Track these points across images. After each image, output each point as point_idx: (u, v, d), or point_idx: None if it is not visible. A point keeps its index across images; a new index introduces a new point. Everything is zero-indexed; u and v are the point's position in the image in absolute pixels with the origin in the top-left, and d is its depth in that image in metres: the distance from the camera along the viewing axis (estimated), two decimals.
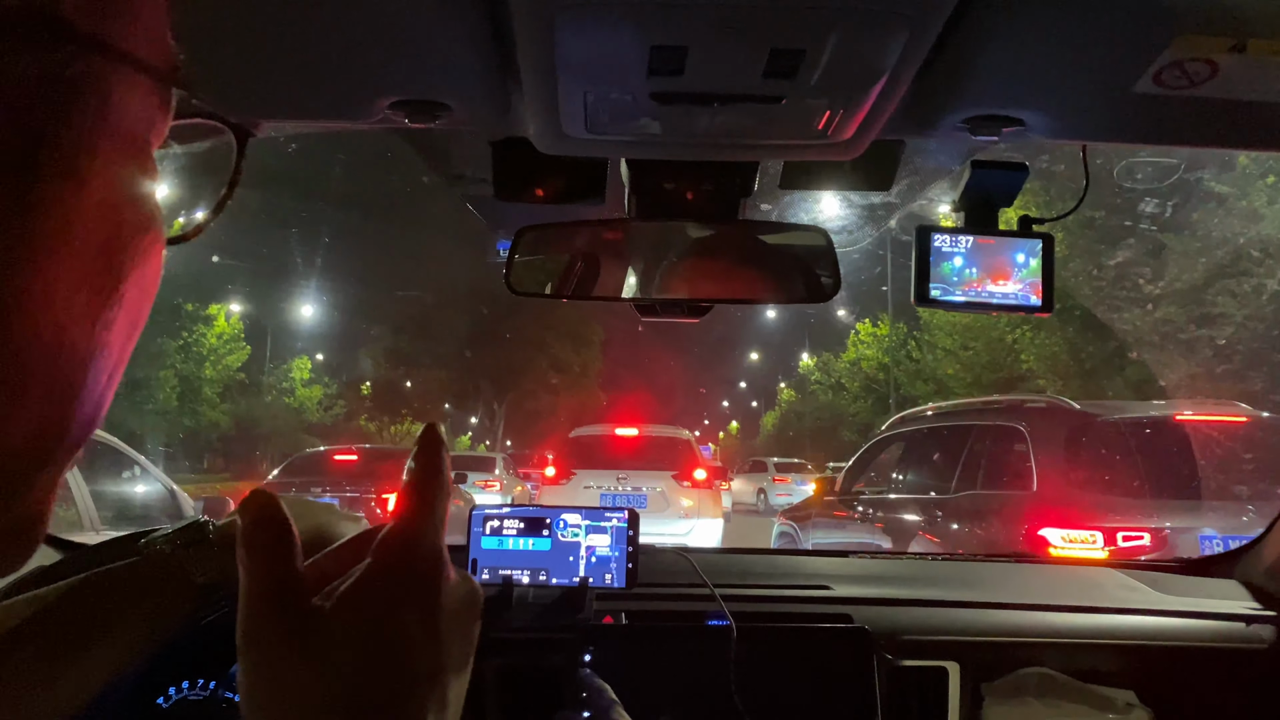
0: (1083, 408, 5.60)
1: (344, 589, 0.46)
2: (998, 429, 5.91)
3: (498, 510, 1.54)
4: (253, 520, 0.46)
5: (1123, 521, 4.74)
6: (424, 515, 0.47)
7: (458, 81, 0.98)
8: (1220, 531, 4.76)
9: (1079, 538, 4.72)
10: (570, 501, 9.35)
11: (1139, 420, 5.57)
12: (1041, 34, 0.86)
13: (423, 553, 0.47)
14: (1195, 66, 0.89)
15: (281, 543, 0.45)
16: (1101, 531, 4.68)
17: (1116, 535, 4.67)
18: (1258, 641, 1.59)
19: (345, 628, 0.44)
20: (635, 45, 0.82)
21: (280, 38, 0.89)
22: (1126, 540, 4.66)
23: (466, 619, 0.48)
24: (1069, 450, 5.20)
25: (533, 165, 1.18)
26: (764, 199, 1.33)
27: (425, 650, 0.45)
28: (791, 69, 0.86)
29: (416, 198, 29.70)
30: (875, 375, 29.14)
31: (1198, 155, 11.04)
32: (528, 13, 0.78)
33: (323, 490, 9.82)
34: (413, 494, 0.48)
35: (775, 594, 1.66)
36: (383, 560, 0.46)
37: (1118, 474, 5.25)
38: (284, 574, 0.45)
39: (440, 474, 0.48)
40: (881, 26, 0.79)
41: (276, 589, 0.44)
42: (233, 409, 27.60)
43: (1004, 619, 1.62)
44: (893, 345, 27.13)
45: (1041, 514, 4.90)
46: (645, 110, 0.95)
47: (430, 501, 0.47)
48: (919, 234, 1.28)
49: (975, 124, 1.04)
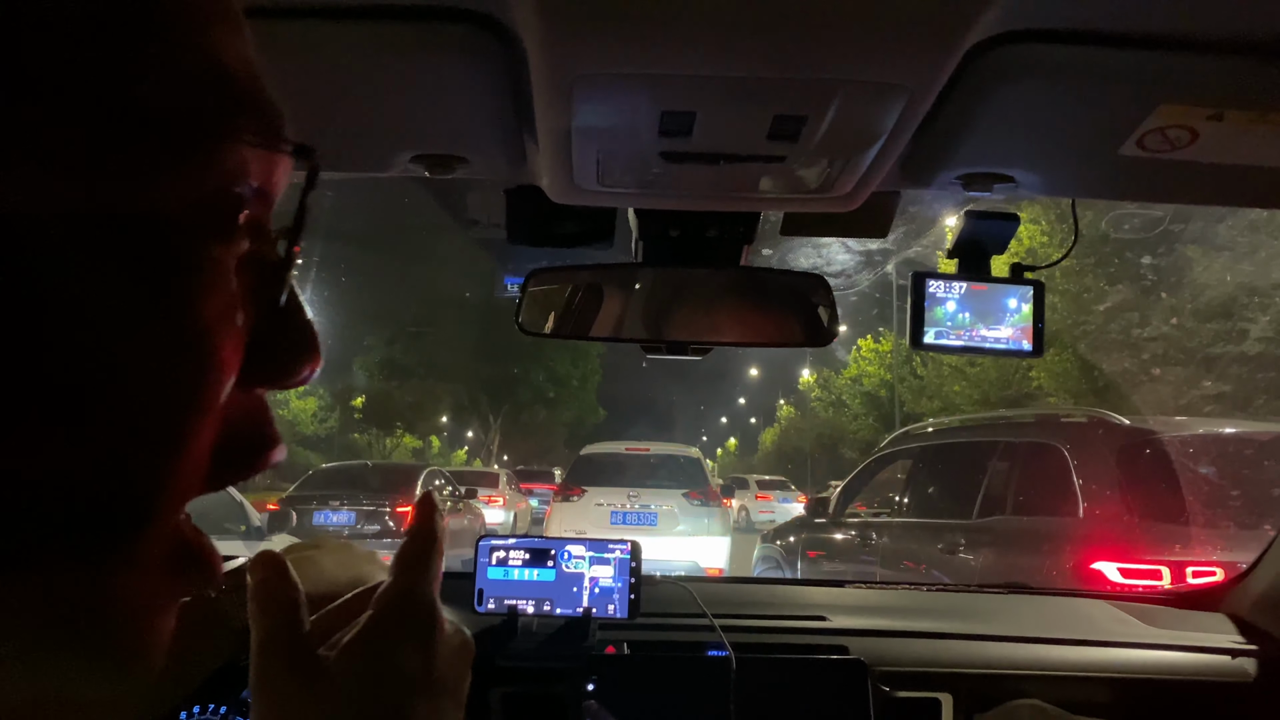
0: (1133, 423, 4.93)
1: (347, 639, 0.51)
2: (1029, 446, 5.25)
3: (504, 541, 1.58)
4: (261, 579, 0.51)
5: (1191, 554, 4.14)
6: (421, 573, 0.52)
7: (476, 138, 1.02)
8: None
9: (1141, 572, 4.16)
10: (581, 518, 9.69)
11: (1205, 437, 4.91)
12: (1032, 100, 0.91)
13: (419, 607, 0.52)
14: (1176, 133, 0.93)
15: (288, 600, 0.50)
16: (1168, 566, 4.11)
17: (1186, 570, 4.07)
18: (1242, 675, 1.62)
19: (348, 675, 0.49)
20: (647, 111, 0.87)
21: (308, 96, 0.94)
22: (1197, 575, 4.05)
23: (459, 667, 0.54)
24: (1122, 472, 4.58)
25: (544, 212, 1.23)
26: (765, 243, 1.38)
27: (421, 695, 0.50)
28: (794, 132, 0.90)
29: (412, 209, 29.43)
30: (877, 392, 29.00)
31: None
32: (547, 79, 0.83)
33: (340, 504, 10.04)
34: (411, 553, 0.53)
35: (773, 624, 1.69)
36: (382, 613, 0.51)
37: (1178, 499, 4.51)
38: (291, 629, 0.50)
39: (436, 538, 0.54)
40: (880, 94, 0.84)
41: (285, 642, 0.50)
42: None
43: (996, 651, 1.65)
44: (896, 362, 27.05)
45: (1094, 544, 4.36)
46: (654, 167, 1.00)
47: (426, 561, 0.53)
48: (914, 280, 1.33)
49: (969, 180, 1.09)
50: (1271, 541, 1.76)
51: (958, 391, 21.68)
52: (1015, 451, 5.38)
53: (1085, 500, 4.59)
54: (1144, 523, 4.40)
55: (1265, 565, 1.77)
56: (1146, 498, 4.52)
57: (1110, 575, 4.21)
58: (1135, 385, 14.86)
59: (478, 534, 8.41)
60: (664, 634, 1.63)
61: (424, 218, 30.20)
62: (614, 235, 1.32)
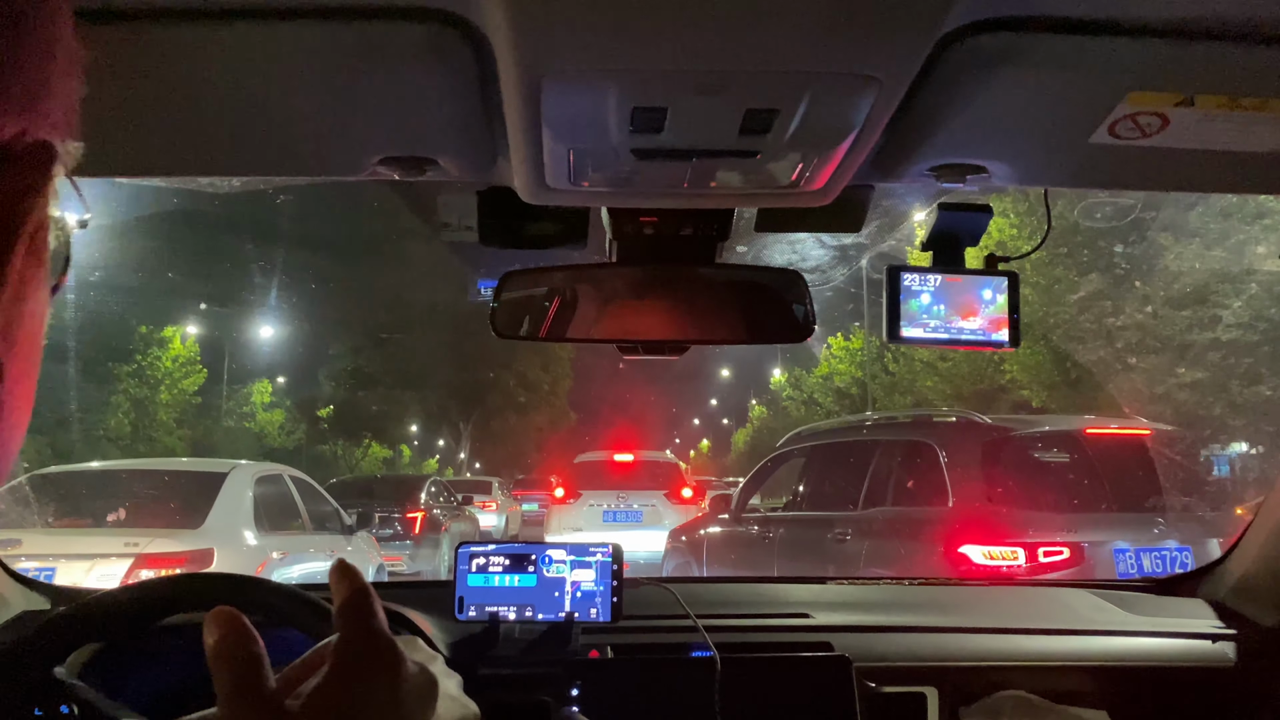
0: (994, 422, 5.62)
1: (312, 688, 0.51)
2: (907, 444, 5.86)
3: (484, 548, 1.57)
4: (220, 637, 0.50)
5: (1042, 536, 4.75)
6: (368, 616, 0.53)
7: (446, 139, 1.01)
8: (1133, 544, 4.84)
9: (1001, 554, 4.73)
10: (576, 517, 11.37)
11: (1050, 435, 5.61)
12: (1003, 91, 0.91)
13: (379, 648, 0.52)
14: (1147, 119, 0.94)
15: (250, 655, 0.50)
16: (1023, 547, 4.70)
17: (1038, 550, 4.69)
18: (1223, 660, 1.64)
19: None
20: (618, 106, 0.86)
21: (272, 100, 0.92)
22: (1047, 555, 4.70)
23: (424, 705, 0.54)
24: (985, 466, 5.19)
25: (517, 213, 1.22)
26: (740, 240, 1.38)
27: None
28: (766, 126, 0.90)
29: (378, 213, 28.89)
30: (849, 389, 29.01)
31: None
32: (516, 78, 0.82)
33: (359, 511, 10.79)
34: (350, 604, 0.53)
35: (757, 623, 1.68)
36: (344, 659, 0.51)
37: (1033, 488, 5.28)
38: (254, 684, 0.49)
39: (365, 585, 0.55)
40: (851, 87, 0.84)
41: (251, 696, 0.49)
42: (190, 435, 26.60)
43: (979, 643, 1.66)
44: (867, 359, 27.13)
45: (961, 531, 4.88)
46: (626, 164, 0.99)
47: (368, 606, 0.53)
48: (889, 274, 1.33)
49: (941, 172, 1.09)
50: (1247, 526, 1.78)
51: (930, 387, 21.72)
52: (895, 449, 5.98)
53: (954, 491, 5.16)
54: (1003, 510, 5.02)
55: (1241, 550, 1.79)
56: (1005, 488, 5.19)
57: (974, 557, 4.76)
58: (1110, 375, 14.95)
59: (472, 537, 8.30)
60: (647, 636, 1.62)
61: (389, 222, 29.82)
62: (588, 236, 1.31)
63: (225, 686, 0.49)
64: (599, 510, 11.62)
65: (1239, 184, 1.15)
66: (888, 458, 5.96)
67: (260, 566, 5.71)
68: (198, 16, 0.78)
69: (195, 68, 0.85)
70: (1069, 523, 4.88)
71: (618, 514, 11.61)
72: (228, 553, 5.43)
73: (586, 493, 11.77)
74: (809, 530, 6.39)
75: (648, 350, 1.37)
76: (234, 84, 0.88)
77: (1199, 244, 12.87)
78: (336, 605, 0.54)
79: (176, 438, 25.59)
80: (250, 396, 31.44)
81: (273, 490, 6.59)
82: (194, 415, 27.34)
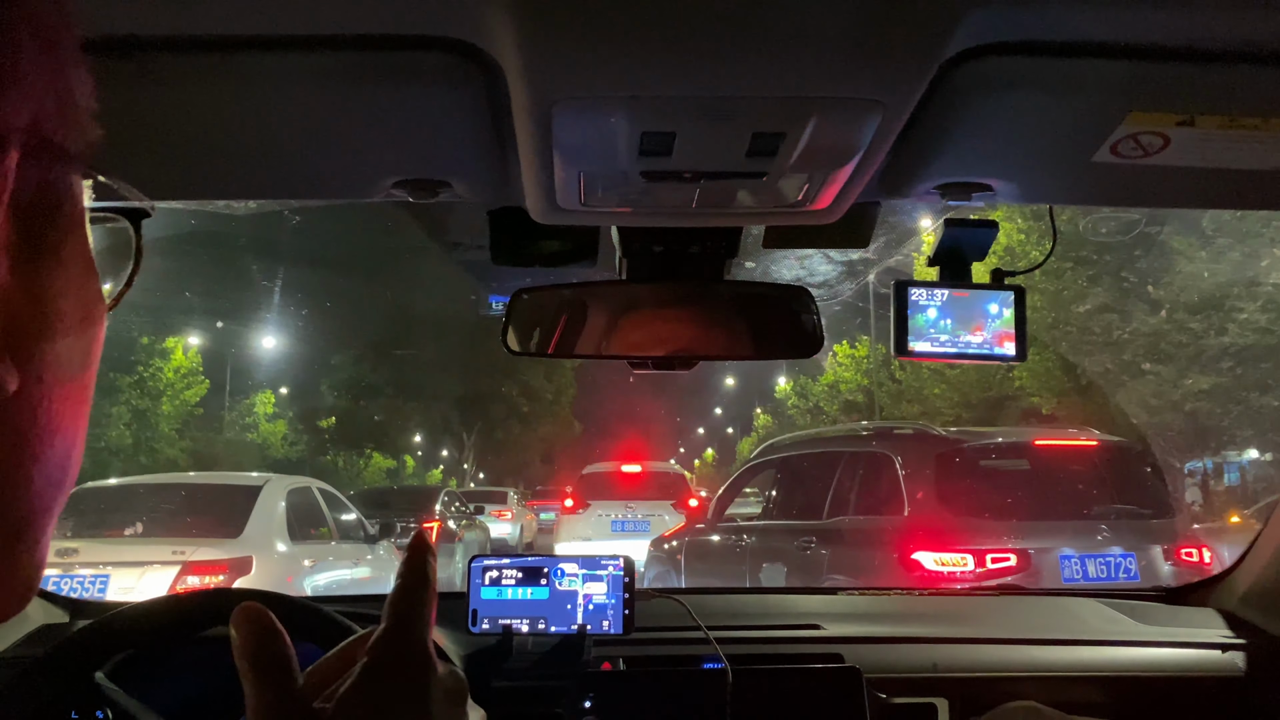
0: (948, 434, 5.86)
1: (342, 691, 0.50)
2: (868, 455, 6.05)
3: (497, 561, 1.58)
4: (248, 635, 0.49)
5: (991, 544, 4.97)
6: (413, 617, 0.52)
7: (459, 162, 1.03)
8: (1077, 550, 5.05)
9: (951, 560, 4.91)
10: (585, 527, 11.71)
11: (1001, 446, 5.82)
12: (1005, 112, 0.92)
13: (412, 652, 0.51)
14: (1149, 139, 0.95)
15: (280, 656, 0.49)
16: (972, 554, 4.89)
17: (986, 557, 4.90)
18: (1233, 670, 1.64)
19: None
20: (627, 132, 0.88)
21: (290, 126, 0.94)
22: (995, 562, 4.91)
23: (454, 709, 0.53)
24: (938, 476, 5.39)
25: (528, 232, 1.24)
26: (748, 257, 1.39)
27: None
28: (772, 149, 0.91)
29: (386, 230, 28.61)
30: (854, 398, 28.83)
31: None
32: (527, 104, 0.84)
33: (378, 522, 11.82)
34: (402, 598, 0.52)
35: (768, 635, 1.69)
36: (376, 661, 0.50)
37: (984, 498, 5.45)
38: (283, 685, 0.49)
39: (428, 580, 0.53)
40: (856, 110, 0.85)
41: (280, 700, 0.49)
42: (191, 446, 26.28)
43: (989, 654, 1.66)
44: (873, 367, 26.98)
45: (914, 538, 5.08)
46: (636, 186, 1.01)
47: (419, 605, 0.52)
48: (896, 289, 1.34)
49: (946, 190, 1.10)
50: (1257, 536, 1.78)
51: (938, 395, 21.48)
52: (857, 460, 6.18)
53: (909, 501, 5.37)
54: (954, 518, 5.22)
55: (1251, 559, 1.79)
56: (957, 497, 5.36)
57: (926, 563, 4.96)
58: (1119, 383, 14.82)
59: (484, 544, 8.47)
60: (659, 648, 1.63)
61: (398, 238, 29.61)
62: (598, 253, 1.33)
63: (253, 692, 0.49)
64: (607, 520, 11.90)
65: (1239, 200, 1.16)
66: (851, 469, 6.17)
67: (289, 578, 5.96)
68: (213, 45, 0.80)
69: (211, 95, 0.87)
70: (1017, 530, 5.13)
71: (625, 524, 11.86)
72: (264, 560, 5.68)
73: (595, 503, 12.05)
74: (778, 539, 6.58)
75: (657, 365, 1.39)
76: (250, 111, 0.91)
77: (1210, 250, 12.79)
78: (393, 592, 0.52)
79: (179, 449, 25.48)
80: (253, 407, 31.20)
81: (302, 501, 6.90)
82: (196, 426, 27.12)
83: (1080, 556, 5.01)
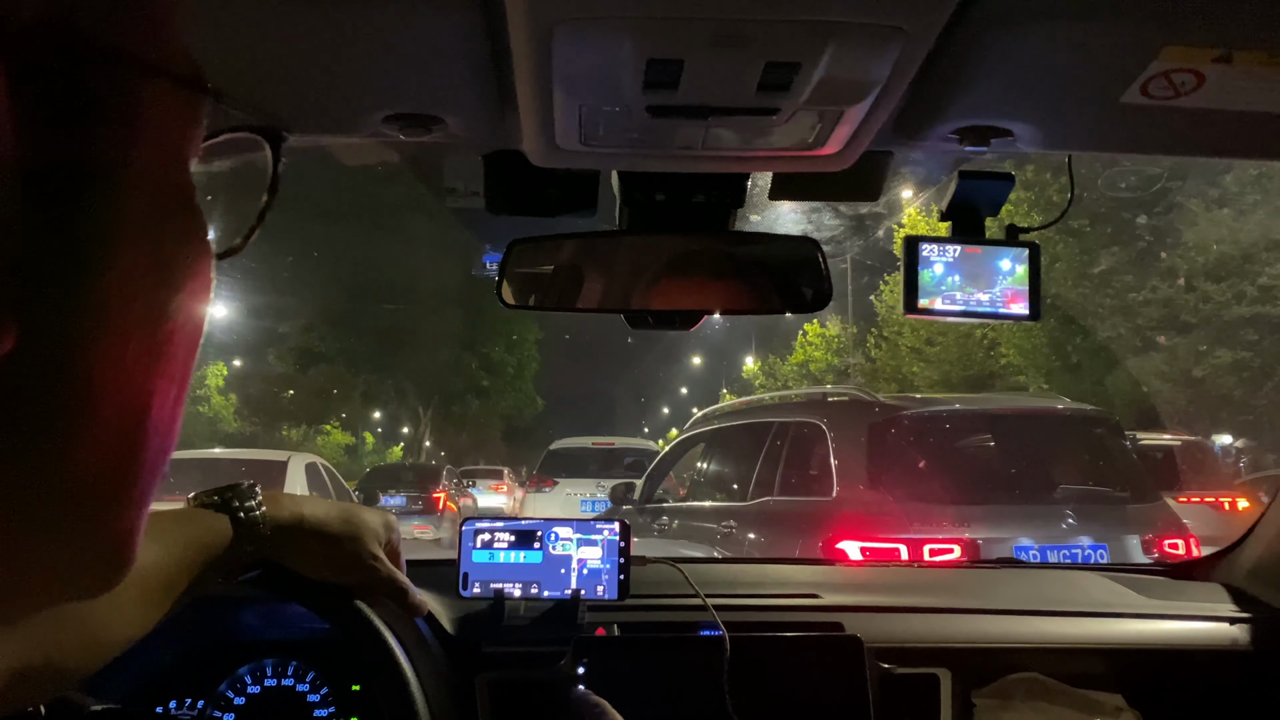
0: (886, 400, 5.02)
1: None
2: (798, 427, 5.21)
3: (489, 524, 1.54)
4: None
5: (931, 532, 4.21)
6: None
7: (452, 95, 0.98)
8: (1036, 541, 4.27)
9: (881, 551, 4.19)
10: (553, 506, 11.03)
11: (949, 414, 4.97)
12: (1033, 46, 0.88)
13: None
14: (1182, 77, 0.90)
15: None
16: (906, 544, 4.13)
17: (923, 548, 4.12)
18: (1240, 643, 1.61)
19: None
20: (632, 58, 0.83)
21: (269, 53, 0.89)
22: (934, 554, 4.11)
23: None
24: (871, 450, 4.59)
25: (525, 178, 1.19)
26: (753, 211, 1.35)
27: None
28: (786, 82, 0.87)
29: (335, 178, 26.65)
30: (824, 377, 28.17)
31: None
32: (526, 26, 0.79)
33: (394, 492, 14.40)
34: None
35: (766, 603, 1.66)
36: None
37: (926, 477, 4.65)
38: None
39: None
40: (876, 39, 0.80)
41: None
42: None
43: (992, 625, 1.63)
44: (844, 346, 26.65)
45: (840, 524, 4.35)
46: (639, 123, 0.96)
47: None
48: (907, 244, 1.30)
49: (965, 135, 1.06)
50: (1265, 510, 1.75)
51: (916, 373, 21.03)
52: (786, 431, 5.34)
53: (838, 480, 4.59)
54: (887, 501, 4.43)
55: (1259, 533, 1.77)
56: (892, 475, 4.57)
57: (851, 554, 4.20)
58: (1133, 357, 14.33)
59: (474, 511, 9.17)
60: (655, 615, 1.59)
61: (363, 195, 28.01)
62: (597, 202, 1.28)
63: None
64: (576, 499, 11.18)
65: (1275, 149, 1.12)
66: (779, 442, 5.36)
67: None
68: None
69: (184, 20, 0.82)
70: (963, 516, 4.33)
71: (597, 503, 10.67)
72: None
73: (563, 480, 11.39)
74: (700, 522, 5.89)
75: (658, 322, 1.34)
76: (227, 38, 0.85)
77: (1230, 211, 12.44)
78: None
79: None
80: (204, 379, 30.06)
81: (315, 475, 7.90)
82: None
83: (1040, 548, 4.21)
